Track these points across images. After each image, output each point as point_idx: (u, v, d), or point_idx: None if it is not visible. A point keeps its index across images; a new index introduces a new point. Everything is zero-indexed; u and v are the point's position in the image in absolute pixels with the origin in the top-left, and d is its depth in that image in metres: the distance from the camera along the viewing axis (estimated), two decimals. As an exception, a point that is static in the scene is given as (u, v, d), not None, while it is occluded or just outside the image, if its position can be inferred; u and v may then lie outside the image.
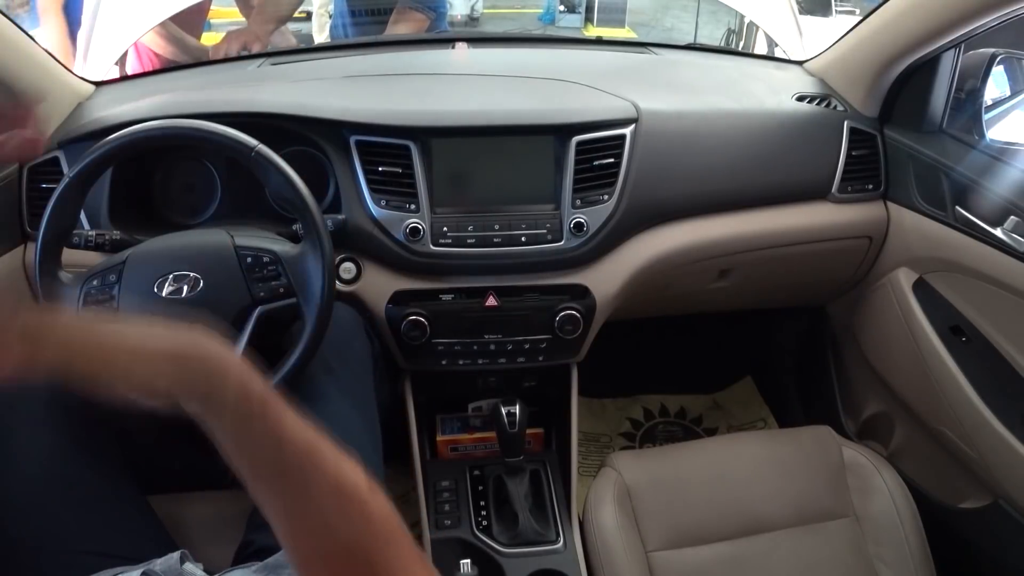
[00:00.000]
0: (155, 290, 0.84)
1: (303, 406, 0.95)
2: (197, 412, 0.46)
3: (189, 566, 0.75)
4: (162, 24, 1.70)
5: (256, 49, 1.62)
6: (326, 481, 0.46)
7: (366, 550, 0.45)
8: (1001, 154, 1.07)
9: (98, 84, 1.27)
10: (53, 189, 0.84)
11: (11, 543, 0.78)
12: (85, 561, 0.75)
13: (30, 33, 1.07)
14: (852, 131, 1.20)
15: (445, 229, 1.05)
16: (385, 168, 1.05)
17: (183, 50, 1.79)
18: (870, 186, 1.21)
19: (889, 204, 1.22)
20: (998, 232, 1.00)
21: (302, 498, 0.45)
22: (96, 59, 1.51)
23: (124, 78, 1.53)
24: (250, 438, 0.46)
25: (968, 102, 1.14)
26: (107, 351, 0.43)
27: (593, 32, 6.47)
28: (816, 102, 1.24)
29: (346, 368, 0.97)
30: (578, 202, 1.07)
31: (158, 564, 0.75)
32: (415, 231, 1.04)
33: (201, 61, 1.71)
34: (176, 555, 0.76)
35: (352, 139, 1.06)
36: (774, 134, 1.19)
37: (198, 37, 1.90)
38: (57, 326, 0.42)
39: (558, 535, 1.11)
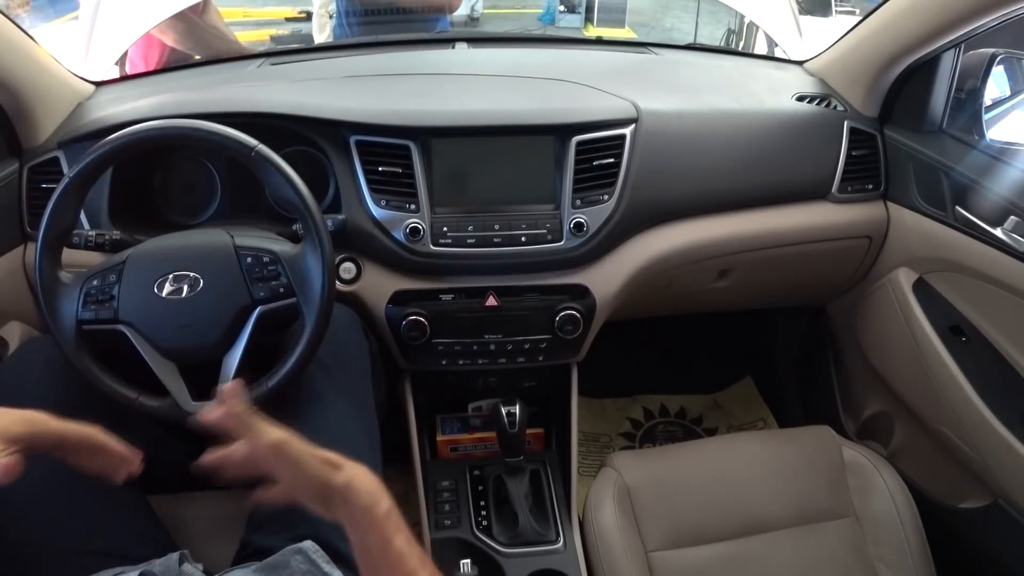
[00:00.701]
0: (155, 290, 0.84)
1: (300, 407, 0.95)
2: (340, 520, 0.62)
3: (188, 567, 0.75)
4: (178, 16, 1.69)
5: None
6: None
7: None
8: (1001, 154, 1.07)
9: (98, 84, 1.27)
10: (53, 189, 0.84)
11: (11, 543, 0.78)
12: (85, 561, 0.75)
13: (30, 33, 1.07)
14: (852, 131, 1.20)
15: (445, 229, 1.05)
16: (385, 168, 1.05)
17: (197, 37, 1.78)
18: (870, 186, 1.21)
19: (889, 204, 1.22)
20: (998, 232, 1.00)
21: None
22: (96, 59, 1.51)
23: (124, 78, 1.53)
24: (364, 539, 0.61)
25: (968, 102, 1.14)
26: (304, 469, 0.62)
27: (593, 32, 6.46)
28: (816, 102, 1.24)
29: (343, 368, 0.97)
30: (578, 202, 1.07)
31: (157, 565, 0.75)
32: (415, 231, 1.04)
33: (201, 61, 1.71)
34: (175, 556, 0.76)
35: (352, 139, 1.06)
36: (774, 134, 1.19)
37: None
38: (283, 436, 0.62)
39: (558, 535, 1.11)
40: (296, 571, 0.73)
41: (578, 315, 1.09)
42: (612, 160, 1.08)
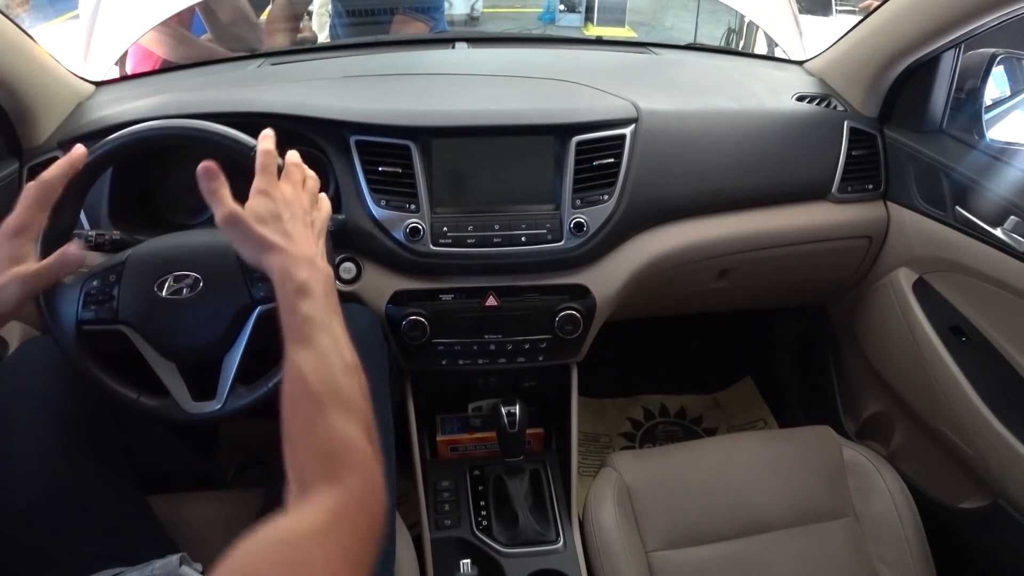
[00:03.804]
0: (155, 290, 0.84)
1: None
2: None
3: (187, 569, 0.75)
4: (164, 25, 1.70)
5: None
6: (318, 345, 0.63)
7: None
8: (1001, 154, 1.07)
9: (98, 84, 1.27)
10: None
11: (9, 544, 0.78)
12: (84, 563, 0.75)
13: (30, 33, 1.07)
14: (852, 131, 1.20)
15: (445, 229, 1.05)
16: (385, 168, 1.05)
17: (186, 48, 1.79)
18: (870, 186, 1.21)
19: (889, 204, 1.22)
20: (998, 232, 1.00)
21: (295, 352, 0.62)
22: (96, 59, 1.51)
23: (124, 78, 1.53)
24: (282, 308, 0.64)
25: (968, 102, 1.14)
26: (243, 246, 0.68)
27: (593, 32, 6.46)
28: (816, 102, 1.24)
29: (364, 371, 0.96)
30: (578, 202, 1.07)
31: (157, 566, 0.75)
32: (415, 231, 1.04)
33: (200, 61, 1.71)
34: (175, 558, 0.76)
35: (352, 139, 1.05)
36: (774, 134, 1.19)
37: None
38: (256, 203, 0.69)
39: (558, 535, 1.11)
40: None
41: (578, 315, 1.09)
42: (612, 160, 1.08)
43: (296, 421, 0.58)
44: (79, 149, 0.74)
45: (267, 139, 0.76)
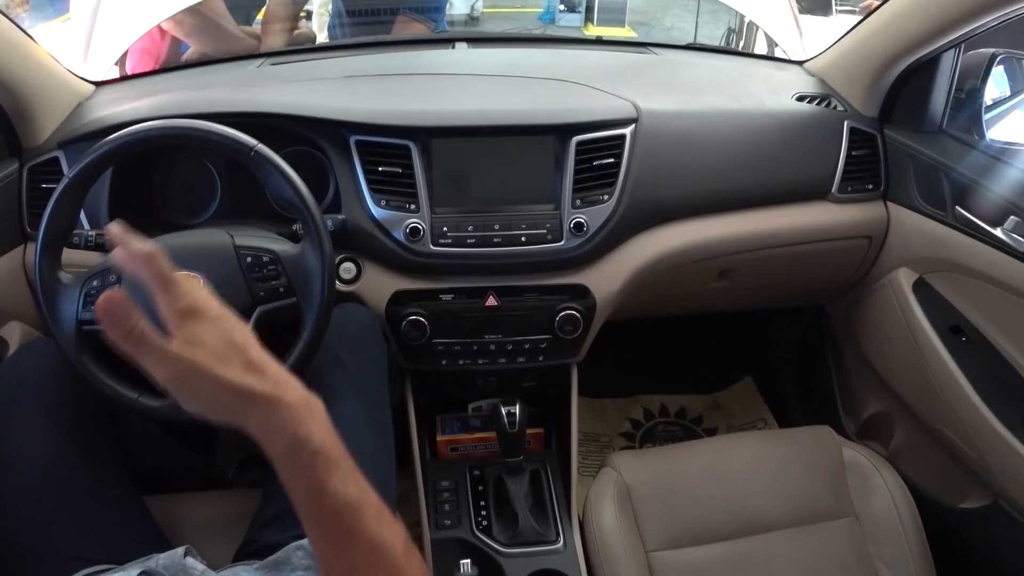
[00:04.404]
0: (155, 290, 0.84)
1: None
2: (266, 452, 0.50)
3: (191, 560, 0.75)
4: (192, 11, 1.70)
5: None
6: (363, 537, 0.48)
7: None
8: (1001, 154, 1.07)
9: (98, 84, 1.27)
10: (53, 189, 0.84)
11: (5, 545, 0.78)
12: (81, 566, 0.75)
13: (30, 33, 1.07)
14: (852, 131, 1.20)
15: (445, 229, 1.05)
16: (385, 168, 1.05)
17: (220, 37, 1.79)
18: (870, 186, 1.21)
19: (889, 204, 1.22)
20: (998, 232, 1.00)
21: (338, 548, 0.48)
22: (96, 59, 1.51)
23: (124, 78, 1.53)
24: (296, 485, 0.49)
25: (968, 102, 1.14)
26: (213, 403, 0.49)
27: (593, 32, 6.46)
28: (816, 102, 1.24)
29: (362, 369, 0.96)
30: (578, 202, 1.07)
31: (161, 559, 0.74)
32: (415, 231, 1.04)
33: (201, 61, 1.71)
34: (180, 550, 0.76)
35: (352, 139, 1.05)
36: (774, 134, 1.19)
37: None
38: (199, 331, 0.49)
39: (558, 535, 1.11)
40: (297, 566, 0.73)
41: (578, 315, 1.09)
42: (612, 160, 1.08)
43: None
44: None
45: (127, 241, 0.51)
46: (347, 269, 1.08)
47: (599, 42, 1.73)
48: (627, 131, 1.09)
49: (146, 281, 0.49)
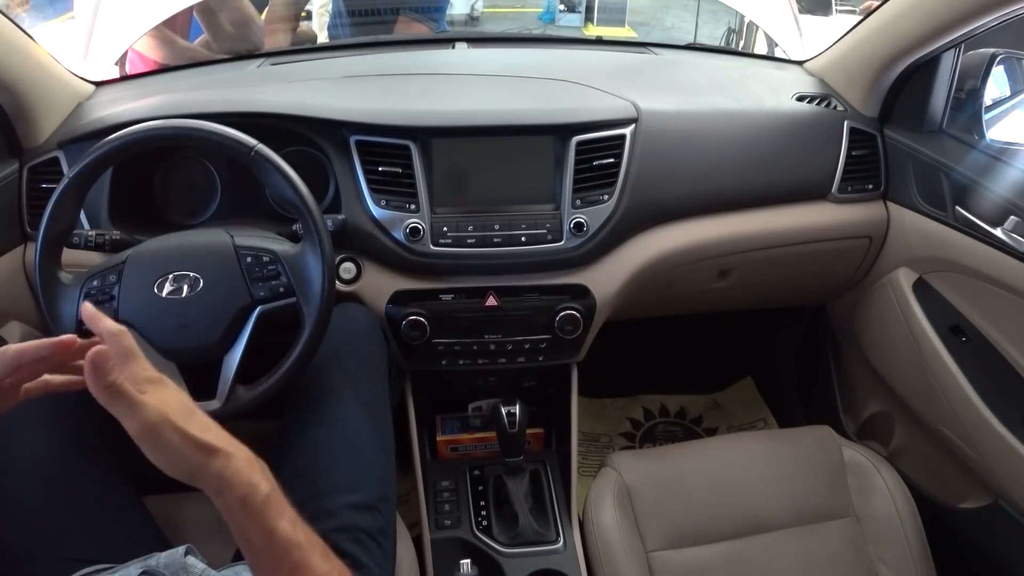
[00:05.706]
0: (155, 290, 0.84)
1: (317, 404, 0.94)
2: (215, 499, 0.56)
3: (192, 560, 0.75)
4: (154, 28, 1.71)
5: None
6: (313, 574, 0.56)
7: None
8: (1001, 154, 1.07)
9: (98, 84, 1.27)
10: (53, 189, 0.84)
11: (5, 545, 0.78)
12: (82, 565, 0.75)
13: (30, 33, 1.07)
14: (852, 131, 1.20)
15: (445, 229, 1.05)
16: (385, 168, 1.05)
17: (175, 53, 1.80)
18: (870, 186, 1.21)
19: (889, 204, 1.22)
20: (998, 232, 1.00)
21: None
22: (96, 59, 1.51)
23: (124, 78, 1.53)
24: (250, 528, 0.55)
25: (968, 102, 1.14)
26: (172, 457, 0.55)
27: (593, 32, 6.46)
28: (816, 102, 1.24)
29: (362, 369, 0.96)
30: (578, 202, 1.07)
31: (161, 558, 0.74)
32: (415, 231, 1.04)
33: (201, 61, 1.71)
34: (181, 549, 0.76)
35: (352, 139, 1.05)
36: (774, 134, 1.19)
37: (186, 39, 1.92)
38: (164, 394, 0.56)
39: (558, 535, 1.11)
40: None
41: (578, 315, 1.09)
42: (612, 160, 1.08)
43: None
44: (70, 338, 0.60)
45: (98, 320, 0.58)
46: (347, 269, 1.08)
47: (599, 42, 1.73)
48: (627, 131, 1.09)
49: (114, 355, 0.55)
